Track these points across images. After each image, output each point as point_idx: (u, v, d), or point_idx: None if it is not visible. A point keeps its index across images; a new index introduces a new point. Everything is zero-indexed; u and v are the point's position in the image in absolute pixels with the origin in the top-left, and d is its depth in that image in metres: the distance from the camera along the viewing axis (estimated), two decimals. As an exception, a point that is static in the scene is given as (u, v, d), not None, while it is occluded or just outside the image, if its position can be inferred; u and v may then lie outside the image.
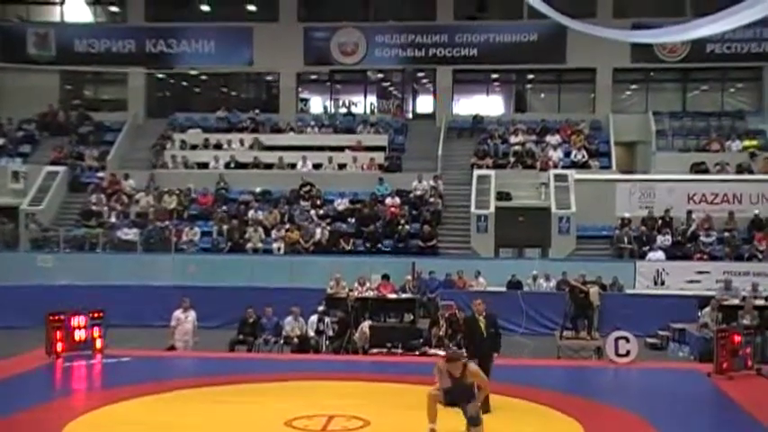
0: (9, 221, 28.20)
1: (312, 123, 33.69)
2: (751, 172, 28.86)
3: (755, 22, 18.92)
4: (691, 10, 29.60)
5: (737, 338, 16.51)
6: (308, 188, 29.40)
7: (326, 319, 19.59)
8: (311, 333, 19.29)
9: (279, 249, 26.74)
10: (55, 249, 26.91)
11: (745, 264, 24.53)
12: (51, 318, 17.12)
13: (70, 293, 20.69)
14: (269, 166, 31.09)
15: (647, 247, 25.87)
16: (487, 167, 29.62)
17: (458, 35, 33.78)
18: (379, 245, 27.00)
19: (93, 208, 28.94)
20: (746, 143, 30.74)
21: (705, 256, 25.30)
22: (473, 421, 11.04)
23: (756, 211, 26.81)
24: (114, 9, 36.02)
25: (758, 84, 33.33)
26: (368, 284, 21.60)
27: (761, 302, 19.83)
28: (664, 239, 26.11)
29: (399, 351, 18.89)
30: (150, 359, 17.61)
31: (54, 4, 35.84)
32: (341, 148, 31.65)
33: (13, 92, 33.80)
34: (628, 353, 17.34)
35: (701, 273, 24.26)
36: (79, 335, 17.34)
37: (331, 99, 36.15)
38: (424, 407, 11.74)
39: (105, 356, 17.21)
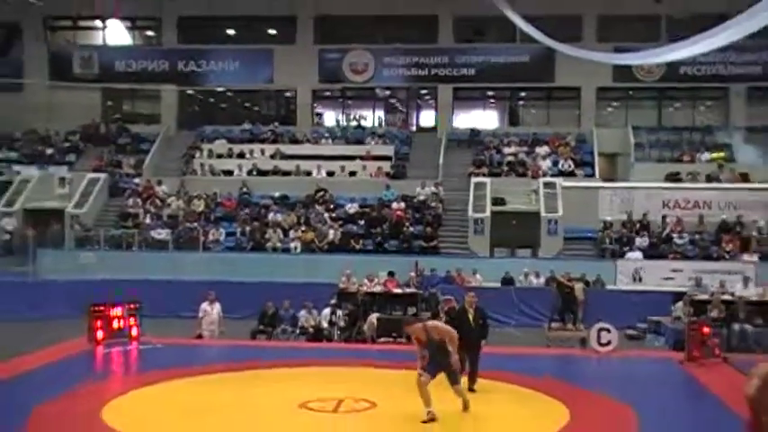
0: (56, 223, 28.29)
1: (326, 135, 33.77)
2: (719, 181, 28.77)
3: (722, 48, 18.97)
4: (666, 36, 29.54)
5: (707, 330, 16.55)
6: (322, 193, 29.45)
7: (338, 312, 19.61)
8: (324, 324, 19.34)
9: (296, 248, 26.76)
10: (96, 247, 27.00)
11: (713, 263, 24.40)
12: (93, 308, 17.26)
13: (109, 287, 20.74)
14: (287, 174, 31.11)
15: (627, 248, 25.86)
16: (483, 175, 29.60)
17: (457, 56, 33.84)
18: (386, 245, 27.01)
19: (130, 210, 29.05)
20: (714, 155, 30.74)
21: (678, 256, 25.23)
22: (453, 377, 11.33)
23: (724, 216, 26.74)
24: (150, 33, 36.15)
25: (725, 102, 33.28)
26: (375, 280, 21.58)
27: (727, 298, 19.79)
28: (641, 241, 26.09)
29: (403, 340, 18.92)
30: (180, 346, 17.67)
31: (97, 29, 35.98)
32: (352, 158, 31.66)
33: (60, 107, 33.91)
34: (609, 343, 17.35)
35: (674, 271, 24.15)
36: (117, 324, 17.44)
37: (343, 113, 36.20)
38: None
39: (140, 343, 17.29)
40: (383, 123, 35.78)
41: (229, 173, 31.42)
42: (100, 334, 17.08)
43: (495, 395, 13.09)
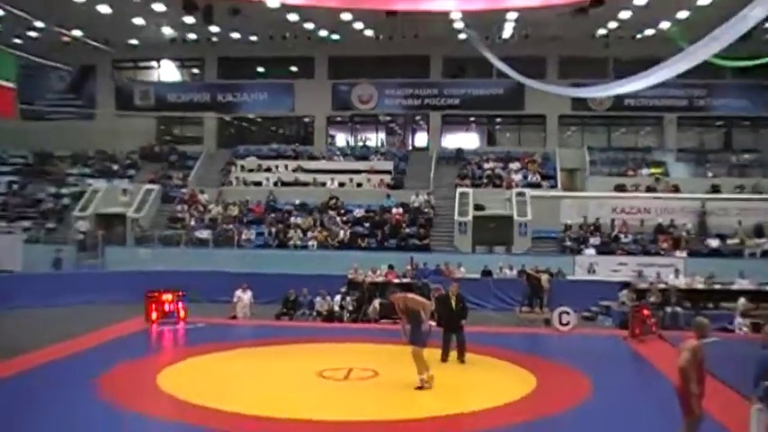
0: (120, 225, 28.35)
1: (338, 153, 33.76)
2: (656, 191, 28.75)
3: (657, 85, 19.04)
4: (613, 74, 29.57)
5: (646, 312, 16.71)
6: (334, 201, 29.43)
7: (348, 298, 19.70)
8: (336, 308, 19.41)
9: (312, 246, 26.72)
10: (151, 245, 26.98)
11: (652, 258, 24.36)
12: (148, 294, 17.39)
13: (162, 277, 20.76)
14: (306, 184, 31.08)
15: (583, 246, 25.82)
16: (467, 186, 29.50)
17: (445, 89, 33.84)
18: (386, 243, 26.94)
19: (178, 215, 29.06)
20: (652, 170, 30.68)
21: (624, 252, 25.20)
22: (419, 343, 11.21)
23: (660, 220, 26.70)
24: (195, 71, 36.15)
25: (660, 128, 33.22)
26: (378, 272, 21.62)
27: (662, 286, 19.83)
28: (594, 240, 26.05)
29: (400, 319, 18.99)
30: (218, 326, 17.77)
31: (153, 68, 36.10)
32: (359, 172, 31.59)
33: (123, 131, 33.97)
34: (568, 323, 17.47)
35: (621, 264, 24.13)
36: (168, 307, 17.59)
37: (352, 135, 36.19)
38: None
39: (186, 323, 17.39)
40: (384, 144, 35.72)
41: (259, 184, 31.36)
42: (154, 315, 17.23)
43: (475, 366, 13.18)
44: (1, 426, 9.40)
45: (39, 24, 26.61)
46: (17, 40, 28.89)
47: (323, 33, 30.79)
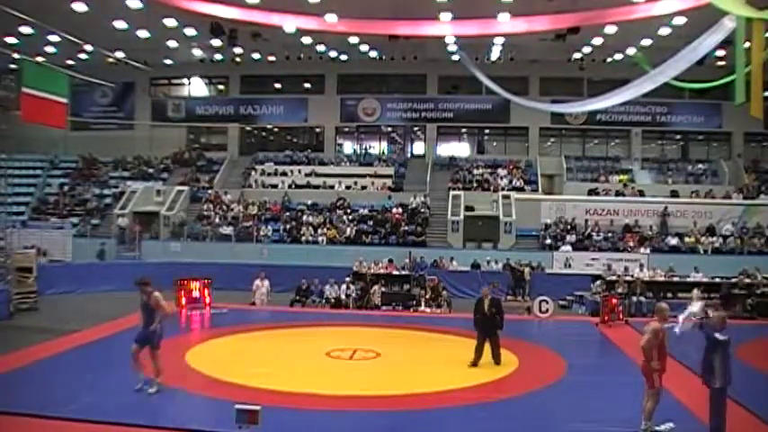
0: (154, 221, 28.38)
1: (345, 159, 33.72)
2: (624, 195, 28.77)
3: (626, 102, 19.08)
4: (587, 93, 29.59)
5: (614, 301, 16.75)
6: (341, 201, 29.45)
7: (353, 287, 19.74)
8: (343, 296, 19.44)
9: (322, 241, 26.72)
10: (181, 239, 27.06)
11: (620, 254, 24.35)
12: (178, 282, 17.41)
13: (190, 268, 20.82)
14: (317, 187, 31.07)
15: (560, 242, 25.80)
16: (459, 189, 29.49)
17: (440, 104, 33.80)
18: (388, 239, 26.93)
19: (205, 213, 29.05)
20: (620, 177, 30.69)
21: (596, 249, 25.20)
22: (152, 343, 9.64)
23: (627, 221, 26.70)
24: (221, 87, 36.17)
25: (627, 140, 33.25)
26: (380, 264, 21.69)
27: (629, 278, 19.88)
28: (570, 238, 26.04)
29: (400, 308, 19.08)
30: (240, 311, 17.81)
31: (185, 85, 36.12)
32: (363, 176, 31.54)
33: (158, 140, 34.06)
34: (547, 310, 17.50)
35: (593, 259, 24.12)
36: (195, 294, 17.61)
37: (357, 144, 36.16)
38: (415, 344, 11.69)
39: (211, 308, 17.43)
40: (386, 151, 35.71)
41: (275, 186, 31.32)
42: (183, 301, 17.27)
43: (464, 348, 13.15)
44: (59, 394, 9.48)
45: (88, 48, 26.96)
46: (69, 62, 29.11)
47: (333, 54, 30.83)
